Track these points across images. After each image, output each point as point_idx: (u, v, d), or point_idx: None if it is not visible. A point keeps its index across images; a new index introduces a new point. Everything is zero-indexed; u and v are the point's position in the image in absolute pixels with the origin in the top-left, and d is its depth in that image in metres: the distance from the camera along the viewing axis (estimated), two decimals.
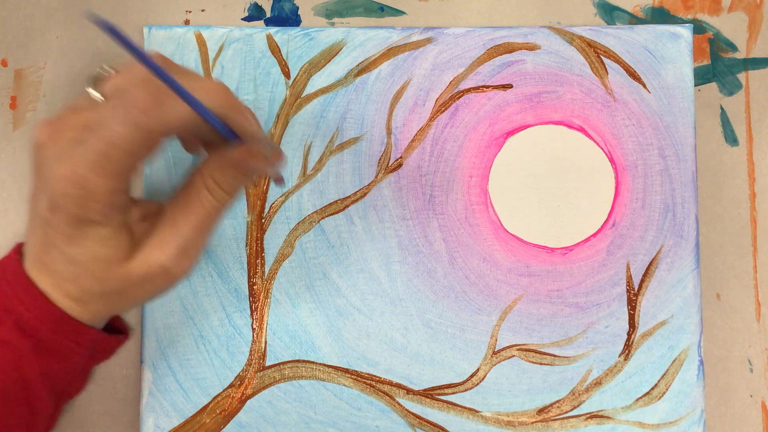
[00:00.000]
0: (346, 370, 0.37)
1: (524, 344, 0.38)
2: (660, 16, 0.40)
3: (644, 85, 0.39)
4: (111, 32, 0.23)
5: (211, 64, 0.39)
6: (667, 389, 0.37)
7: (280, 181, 0.38)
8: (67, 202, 0.27)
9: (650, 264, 0.38)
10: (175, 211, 0.30)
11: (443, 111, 0.39)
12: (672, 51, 0.39)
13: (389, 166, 0.38)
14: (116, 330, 0.34)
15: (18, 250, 0.31)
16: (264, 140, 0.32)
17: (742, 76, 0.40)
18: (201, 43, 0.39)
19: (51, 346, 0.30)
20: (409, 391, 0.37)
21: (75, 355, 0.31)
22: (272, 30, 0.39)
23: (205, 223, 0.30)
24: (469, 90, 0.39)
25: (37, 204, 0.29)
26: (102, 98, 0.28)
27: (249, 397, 0.37)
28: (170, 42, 0.38)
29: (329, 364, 0.37)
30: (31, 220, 0.30)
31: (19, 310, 0.29)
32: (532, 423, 0.37)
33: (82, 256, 0.28)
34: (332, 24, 0.40)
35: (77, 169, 0.27)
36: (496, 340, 0.38)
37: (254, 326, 0.38)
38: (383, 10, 0.40)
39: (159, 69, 0.24)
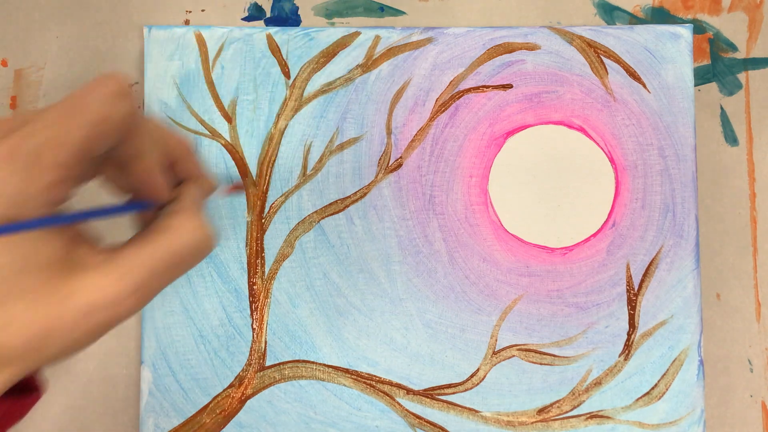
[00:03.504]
0: (346, 370, 0.37)
1: (524, 344, 0.38)
2: (660, 16, 0.40)
3: (644, 85, 0.39)
4: (50, 221, 0.22)
5: (211, 64, 0.39)
6: (667, 389, 0.37)
7: (238, 188, 0.38)
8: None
9: (650, 264, 0.38)
10: (139, 243, 0.25)
11: (443, 111, 0.39)
12: (672, 51, 0.39)
13: (389, 166, 0.38)
14: (25, 387, 0.26)
15: None
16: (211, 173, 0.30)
17: (742, 76, 0.40)
18: (201, 43, 0.39)
19: None
20: (409, 391, 0.37)
21: None
22: (272, 30, 0.39)
23: (174, 258, 0.25)
24: (469, 90, 0.39)
25: None
26: None
27: (249, 397, 0.37)
28: (170, 42, 0.38)
29: (329, 364, 0.37)
30: None
31: None
32: (532, 423, 0.37)
33: (7, 267, 0.21)
34: (332, 24, 0.40)
35: (20, 146, 0.21)
36: (496, 340, 0.38)
37: (254, 326, 0.38)
38: (383, 10, 0.40)
39: (92, 212, 0.24)
